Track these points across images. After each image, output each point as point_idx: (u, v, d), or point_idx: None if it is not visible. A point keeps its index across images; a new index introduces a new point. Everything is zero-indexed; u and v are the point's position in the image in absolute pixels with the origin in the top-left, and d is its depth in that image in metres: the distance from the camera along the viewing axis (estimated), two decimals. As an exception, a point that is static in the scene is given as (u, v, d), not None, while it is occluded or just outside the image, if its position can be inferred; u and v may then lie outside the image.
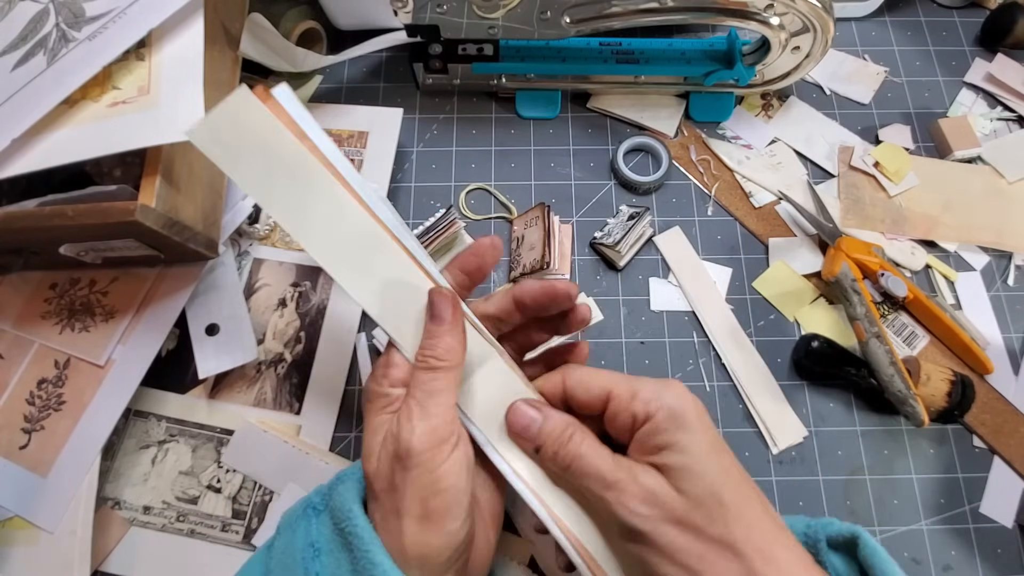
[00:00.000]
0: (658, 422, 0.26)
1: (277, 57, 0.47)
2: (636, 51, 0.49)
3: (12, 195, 0.37)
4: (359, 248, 0.29)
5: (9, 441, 0.39)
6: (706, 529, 0.25)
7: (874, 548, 0.26)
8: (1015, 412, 0.42)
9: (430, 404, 0.27)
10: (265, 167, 0.27)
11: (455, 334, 0.28)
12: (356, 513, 0.26)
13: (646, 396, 0.27)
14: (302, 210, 0.28)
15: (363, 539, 0.25)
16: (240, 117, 0.26)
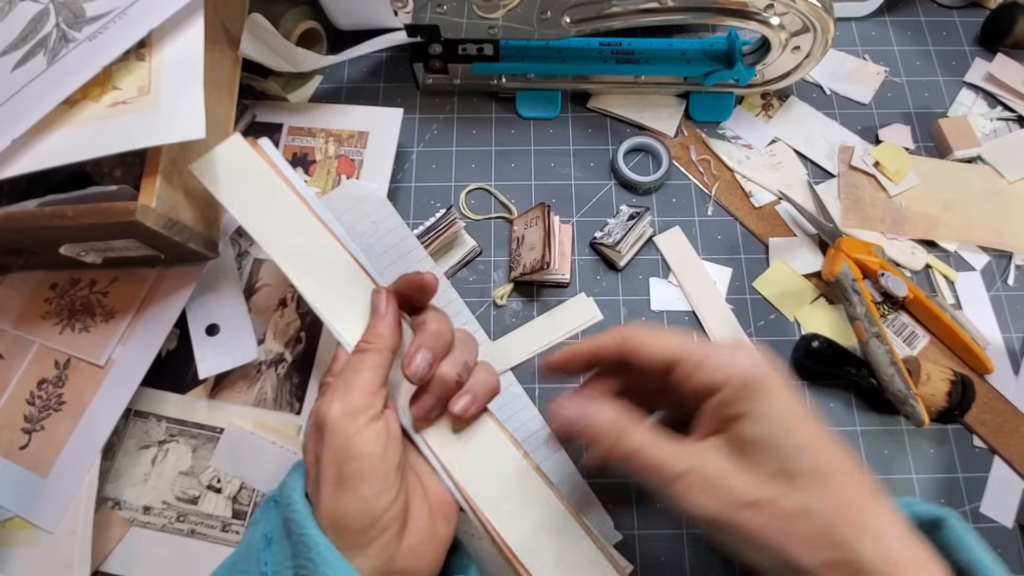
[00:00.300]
0: (727, 394, 0.25)
1: (277, 57, 0.47)
2: (636, 51, 0.49)
3: (12, 195, 0.37)
4: (314, 258, 0.34)
5: (9, 441, 0.39)
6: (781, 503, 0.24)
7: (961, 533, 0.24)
8: (1015, 412, 0.42)
9: (353, 380, 0.29)
10: (251, 195, 0.34)
11: (386, 322, 0.31)
12: (295, 499, 0.27)
13: (717, 362, 0.25)
14: (273, 227, 0.34)
15: (299, 522, 0.26)
16: (232, 156, 0.35)
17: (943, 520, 0.25)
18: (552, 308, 0.44)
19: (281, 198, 0.34)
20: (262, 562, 0.26)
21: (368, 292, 0.33)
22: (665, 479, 0.25)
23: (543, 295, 0.45)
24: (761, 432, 0.24)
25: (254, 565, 0.27)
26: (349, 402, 0.28)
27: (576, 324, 0.44)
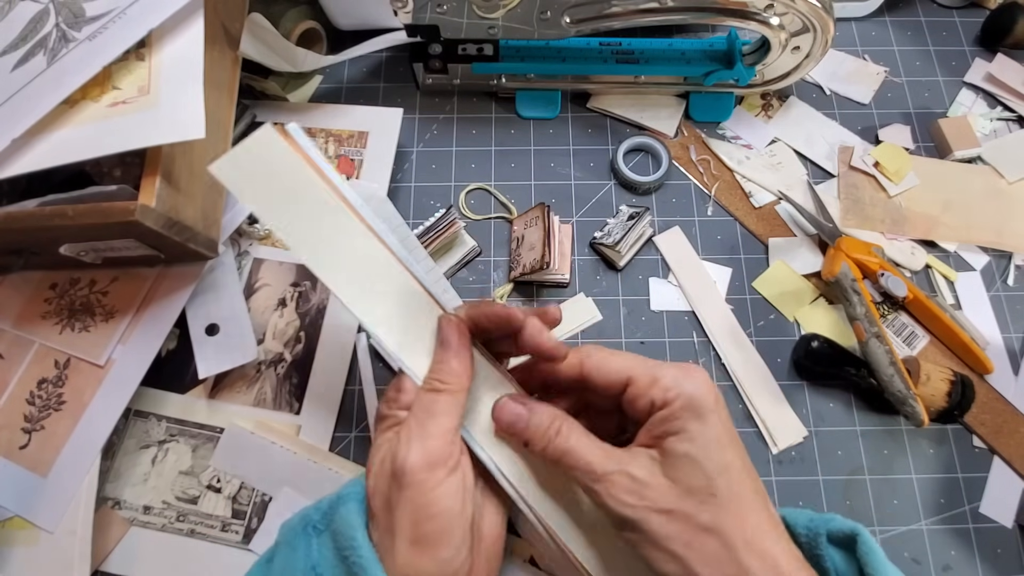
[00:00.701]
0: (674, 409, 0.27)
1: (277, 57, 0.47)
2: (636, 51, 0.49)
3: (12, 195, 0.37)
4: (368, 275, 0.29)
5: (9, 441, 0.39)
6: (694, 516, 0.25)
7: (871, 547, 0.26)
8: (1015, 412, 0.42)
9: (429, 424, 0.27)
10: (285, 200, 0.28)
11: (460, 359, 0.29)
12: (360, 543, 0.26)
13: (666, 383, 0.27)
14: (316, 238, 0.29)
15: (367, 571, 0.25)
16: (262, 152, 0.28)
17: (858, 535, 0.27)
18: (552, 308, 0.45)
19: (320, 201, 0.29)
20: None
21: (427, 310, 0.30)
22: (592, 476, 0.26)
23: (543, 295, 0.45)
24: (691, 449, 0.26)
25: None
26: (429, 451, 0.26)
27: (576, 324, 0.44)
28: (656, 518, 0.25)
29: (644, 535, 0.26)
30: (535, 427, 0.28)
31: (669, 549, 0.25)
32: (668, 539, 0.25)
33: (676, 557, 0.25)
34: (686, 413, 0.26)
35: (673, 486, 0.26)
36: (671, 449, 0.26)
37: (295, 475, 0.39)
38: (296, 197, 0.29)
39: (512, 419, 0.29)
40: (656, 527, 0.25)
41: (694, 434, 0.26)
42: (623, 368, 0.29)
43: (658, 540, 0.25)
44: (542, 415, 0.28)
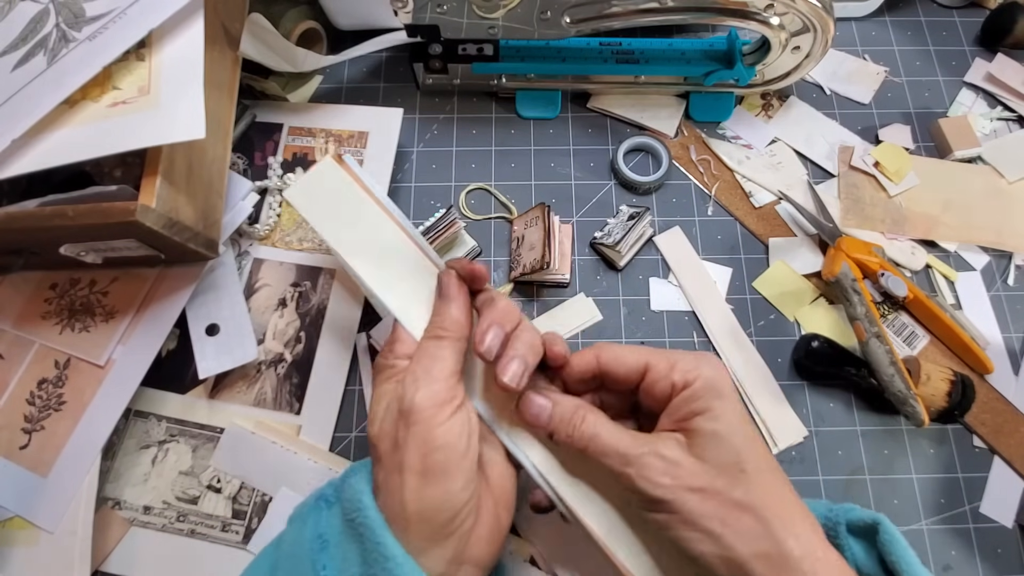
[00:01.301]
0: (696, 390, 0.27)
1: (277, 57, 0.47)
2: (636, 51, 0.49)
3: (12, 195, 0.37)
4: (395, 262, 0.33)
5: (9, 441, 0.39)
6: (727, 493, 0.26)
7: (893, 535, 0.26)
8: (1015, 412, 0.42)
9: (433, 368, 0.28)
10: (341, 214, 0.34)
11: (460, 309, 0.30)
12: (367, 504, 0.27)
13: (685, 367, 0.28)
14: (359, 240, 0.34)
15: (374, 530, 0.26)
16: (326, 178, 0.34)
17: (879, 523, 0.27)
18: (552, 308, 0.45)
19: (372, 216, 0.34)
20: (319, 565, 0.26)
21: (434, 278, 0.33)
22: (623, 460, 0.27)
23: (543, 295, 0.45)
24: (717, 427, 0.27)
25: (307, 567, 0.26)
26: (435, 392, 0.27)
27: (576, 324, 0.44)
28: (690, 497, 0.26)
29: (678, 515, 0.26)
30: (559, 417, 0.29)
31: (704, 527, 0.25)
32: (703, 517, 0.25)
33: (711, 535, 0.25)
34: (708, 393, 0.27)
35: (704, 464, 0.26)
36: (697, 429, 0.27)
37: (295, 475, 0.39)
38: (347, 210, 0.34)
39: (536, 411, 0.29)
40: (691, 506, 0.26)
41: (718, 412, 0.27)
42: (639, 358, 0.29)
43: (692, 519, 0.25)
44: (565, 405, 0.29)
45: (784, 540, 0.25)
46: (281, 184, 0.46)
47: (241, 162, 0.48)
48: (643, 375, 0.29)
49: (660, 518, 0.27)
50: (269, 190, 0.47)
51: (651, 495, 0.26)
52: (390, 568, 0.25)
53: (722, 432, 0.26)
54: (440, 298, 0.31)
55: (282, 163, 0.47)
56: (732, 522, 0.25)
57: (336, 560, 0.26)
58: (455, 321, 0.30)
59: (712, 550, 0.25)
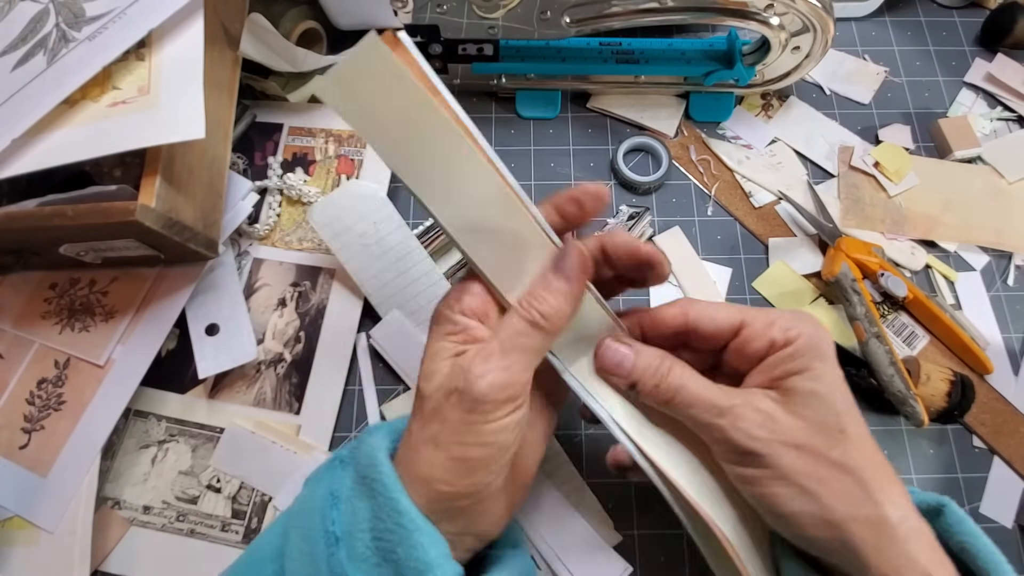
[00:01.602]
0: (797, 347, 0.26)
1: (277, 57, 0.47)
2: (636, 51, 0.49)
3: (12, 195, 0.37)
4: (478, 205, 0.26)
5: (9, 441, 0.39)
6: (825, 453, 0.25)
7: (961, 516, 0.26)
8: (1015, 412, 0.42)
9: (514, 356, 0.26)
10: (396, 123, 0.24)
11: (571, 300, 0.27)
12: (381, 460, 0.26)
13: (785, 324, 0.27)
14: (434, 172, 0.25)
15: (387, 486, 0.25)
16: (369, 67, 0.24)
17: (944, 506, 0.26)
18: (552, 308, 0.44)
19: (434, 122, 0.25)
20: (328, 520, 0.25)
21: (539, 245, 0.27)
22: (715, 410, 0.26)
23: (543, 295, 0.45)
24: (818, 387, 0.25)
25: (317, 522, 0.26)
26: (506, 385, 0.25)
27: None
28: (787, 452, 0.25)
29: (773, 470, 0.25)
30: (643, 367, 0.27)
31: (801, 484, 0.25)
32: (799, 474, 0.25)
33: (808, 492, 0.24)
34: (809, 352, 0.26)
35: (802, 422, 0.25)
36: (796, 387, 0.26)
37: (295, 475, 0.39)
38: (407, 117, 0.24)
39: (619, 359, 0.28)
40: (788, 461, 0.25)
41: (820, 373, 0.26)
42: (732, 315, 0.28)
43: (789, 475, 0.25)
44: (649, 354, 0.28)
45: (882, 504, 0.24)
46: (281, 184, 0.46)
47: (241, 162, 0.48)
48: (736, 333, 0.28)
49: (751, 473, 0.25)
50: (269, 190, 0.47)
51: (746, 447, 0.25)
52: (403, 523, 0.24)
53: (822, 392, 0.25)
54: (555, 274, 0.27)
55: (282, 163, 0.47)
56: (831, 481, 0.24)
57: (346, 515, 0.25)
58: (562, 314, 0.26)
59: (808, 508, 0.24)
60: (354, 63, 0.23)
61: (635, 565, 0.38)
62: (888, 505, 0.24)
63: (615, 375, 0.28)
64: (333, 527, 0.25)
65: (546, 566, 0.37)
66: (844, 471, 0.25)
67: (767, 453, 0.25)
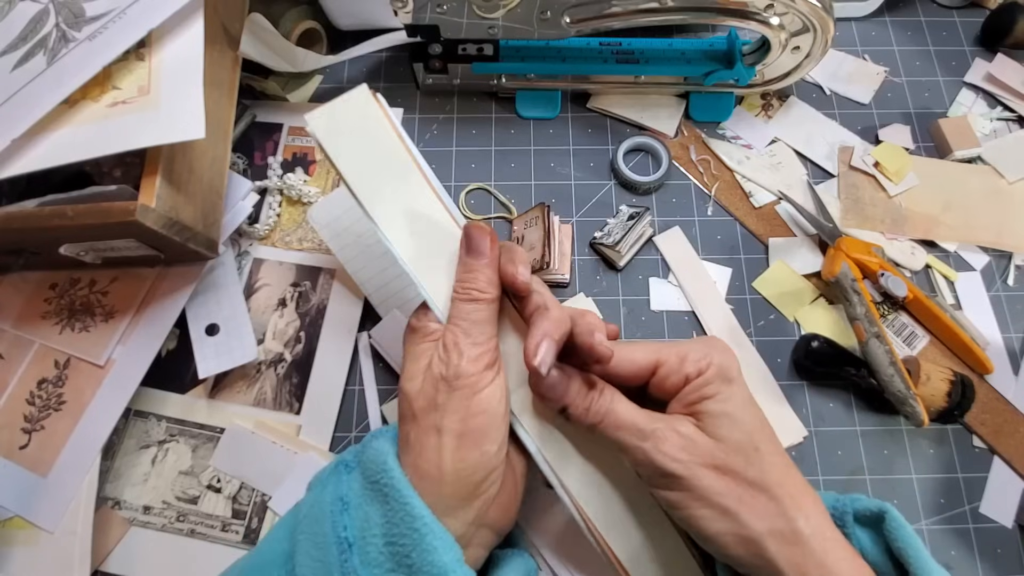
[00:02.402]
0: (707, 377, 0.28)
1: (277, 57, 0.47)
2: (636, 51, 0.49)
3: (12, 195, 0.37)
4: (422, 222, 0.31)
5: (9, 441, 0.39)
6: (743, 472, 0.26)
7: (900, 523, 0.27)
8: (1015, 412, 0.42)
9: (475, 332, 0.28)
10: (367, 154, 0.31)
11: (494, 267, 0.30)
12: (391, 466, 0.27)
13: (696, 357, 0.29)
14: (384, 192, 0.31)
15: (400, 491, 0.26)
16: (356, 110, 0.31)
17: (886, 512, 0.27)
18: (552, 308, 0.44)
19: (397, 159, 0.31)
20: (339, 526, 0.26)
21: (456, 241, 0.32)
22: (640, 434, 0.27)
23: (543, 295, 0.45)
24: (728, 408, 0.27)
25: (328, 528, 0.26)
26: (480, 357, 0.28)
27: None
28: (707, 473, 0.26)
29: (692, 492, 0.26)
30: (575, 391, 0.29)
31: (721, 504, 0.26)
32: (719, 495, 0.26)
33: (728, 512, 0.26)
34: (718, 378, 0.28)
35: (719, 443, 0.27)
36: (709, 411, 0.27)
37: (295, 475, 0.39)
38: (378, 157, 0.31)
39: (553, 382, 0.29)
40: (707, 483, 0.26)
41: (728, 395, 0.28)
42: (649, 355, 0.29)
43: (709, 496, 0.26)
44: (582, 379, 0.29)
45: (795, 519, 0.26)
46: (281, 184, 0.46)
47: (241, 162, 0.48)
48: (654, 371, 0.29)
49: (673, 496, 0.27)
50: (269, 190, 0.47)
51: (667, 469, 0.26)
52: (417, 527, 0.25)
53: (733, 413, 0.27)
54: (472, 255, 0.30)
55: (282, 163, 0.47)
56: (748, 500, 0.26)
57: (357, 520, 0.26)
58: (491, 281, 0.30)
59: (728, 528, 0.26)
60: (345, 107, 0.31)
61: (635, 565, 0.38)
62: (801, 520, 0.26)
63: (549, 398, 0.29)
64: (345, 533, 0.26)
65: (547, 566, 0.37)
66: (760, 489, 0.26)
67: (687, 475, 0.26)
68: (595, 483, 0.31)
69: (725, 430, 0.27)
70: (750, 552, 0.26)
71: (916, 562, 0.26)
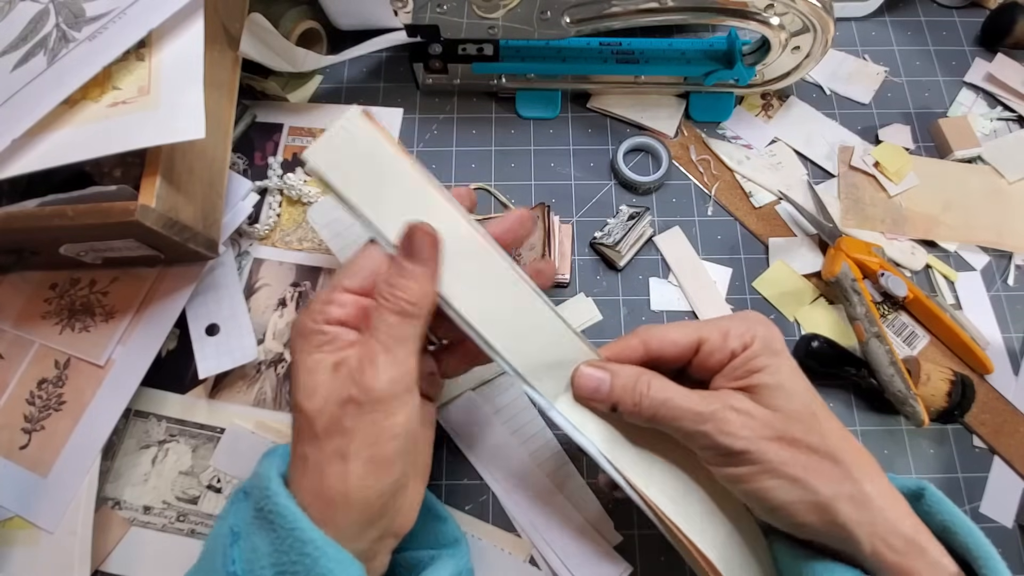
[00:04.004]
0: (755, 349, 0.28)
1: (277, 57, 0.47)
2: (636, 51, 0.49)
3: (12, 195, 0.37)
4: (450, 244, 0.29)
5: (9, 441, 0.39)
6: (804, 440, 0.26)
7: (940, 498, 0.27)
8: (1015, 412, 0.42)
9: (398, 350, 0.26)
10: (373, 180, 0.29)
11: (431, 279, 0.27)
12: (275, 491, 0.25)
13: (738, 331, 0.28)
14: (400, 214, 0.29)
15: (285, 516, 0.24)
16: (352, 135, 0.29)
17: (924, 489, 0.28)
18: (552, 308, 0.45)
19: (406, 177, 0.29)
20: (228, 560, 0.24)
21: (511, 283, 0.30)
22: (699, 418, 0.27)
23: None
24: (780, 379, 0.27)
25: (219, 563, 0.25)
26: (399, 379, 0.25)
27: (576, 324, 0.44)
28: (771, 446, 0.26)
29: (760, 465, 0.26)
30: (622, 388, 0.28)
31: (788, 474, 0.26)
32: (785, 464, 0.26)
33: (796, 480, 0.26)
34: (765, 351, 0.28)
35: (777, 414, 0.27)
36: (760, 384, 0.27)
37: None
38: (383, 177, 0.29)
39: (595, 384, 0.29)
40: (773, 454, 0.26)
41: (777, 367, 0.27)
42: (689, 334, 0.29)
43: (776, 467, 0.26)
44: (626, 373, 0.29)
45: (862, 481, 0.26)
46: (281, 184, 0.46)
47: (241, 162, 0.48)
48: (696, 350, 0.29)
49: (740, 471, 0.27)
50: (269, 190, 0.47)
51: (732, 448, 0.26)
52: (309, 552, 0.23)
53: (785, 384, 0.27)
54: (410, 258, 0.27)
55: (282, 163, 0.47)
56: (814, 466, 0.26)
57: (246, 552, 0.24)
58: (426, 295, 0.27)
59: (799, 496, 0.26)
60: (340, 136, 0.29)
61: (635, 565, 0.38)
62: (866, 481, 0.26)
63: (594, 400, 0.29)
64: (233, 567, 0.24)
65: (546, 566, 0.37)
66: (823, 455, 0.26)
67: (752, 449, 0.26)
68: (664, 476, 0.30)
69: (781, 400, 0.27)
70: (822, 519, 0.26)
71: (963, 532, 0.26)
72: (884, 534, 0.25)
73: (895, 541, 0.25)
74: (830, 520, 0.26)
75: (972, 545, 0.26)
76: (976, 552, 0.25)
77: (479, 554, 0.38)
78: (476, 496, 0.40)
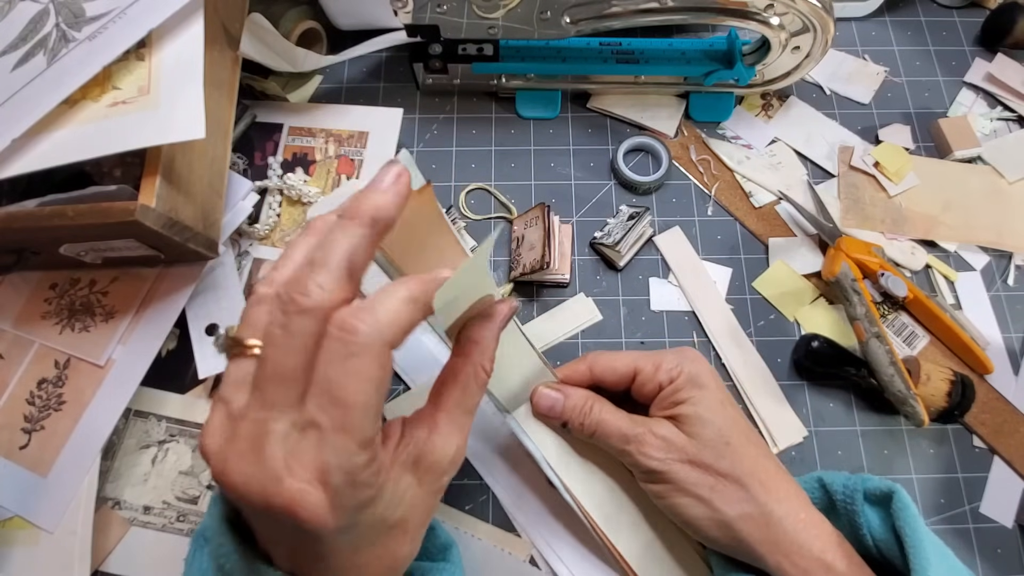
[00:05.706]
0: (679, 384, 0.32)
1: (277, 57, 0.47)
2: (636, 51, 0.49)
3: (12, 195, 0.37)
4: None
5: (9, 441, 0.39)
6: (714, 465, 0.30)
7: (906, 503, 0.29)
8: (1015, 412, 0.42)
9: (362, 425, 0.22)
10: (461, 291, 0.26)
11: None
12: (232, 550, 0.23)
13: (668, 366, 0.33)
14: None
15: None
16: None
17: (894, 492, 0.29)
18: (552, 308, 0.44)
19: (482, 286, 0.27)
20: None
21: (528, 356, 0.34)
22: (624, 439, 0.31)
23: (543, 295, 0.45)
24: (699, 410, 0.31)
25: None
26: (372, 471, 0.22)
27: (576, 324, 0.44)
28: (682, 467, 0.30)
29: (672, 484, 0.30)
30: (571, 408, 0.33)
31: (695, 493, 0.30)
32: (695, 485, 0.30)
33: (702, 500, 0.30)
34: (689, 384, 0.32)
35: (692, 440, 0.31)
36: (682, 413, 0.31)
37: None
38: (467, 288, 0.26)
39: (550, 403, 0.33)
40: (683, 475, 0.30)
41: (699, 398, 0.31)
42: (628, 364, 0.33)
43: (685, 486, 0.30)
44: (576, 397, 0.33)
45: (766, 503, 0.29)
46: (281, 184, 0.46)
47: (241, 162, 0.48)
48: (633, 379, 0.33)
49: (657, 488, 0.31)
50: (269, 190, 0.47)
51: (649, 467, 0.31)
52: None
53: (703, 414, 0.31)
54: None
55: (282, 163, 0.47)
56: (720, 489, 0.30)
57: None
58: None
59: (704, 513, 0.30)
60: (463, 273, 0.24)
61: (635, 565, 0.38)
62: (772, 503, 0.29)
63: (549, 416, 0.34)
64: None
65: (546, 566, 0.37)
66: (731, 479, 0.30)
67: (665, 470, 0.30)
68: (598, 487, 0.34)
69: (698, 428, 0.31)
70: (726, 535, 0.30)
71: (911, 539, 0.27)
72: (788, 552, 0.29)
73: (799, 559, 0.28)
74: (733, 536, 0.29)
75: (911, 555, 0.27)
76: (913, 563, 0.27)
77: (479, 554, 0.38)
78: (476, 496, 0.40)
